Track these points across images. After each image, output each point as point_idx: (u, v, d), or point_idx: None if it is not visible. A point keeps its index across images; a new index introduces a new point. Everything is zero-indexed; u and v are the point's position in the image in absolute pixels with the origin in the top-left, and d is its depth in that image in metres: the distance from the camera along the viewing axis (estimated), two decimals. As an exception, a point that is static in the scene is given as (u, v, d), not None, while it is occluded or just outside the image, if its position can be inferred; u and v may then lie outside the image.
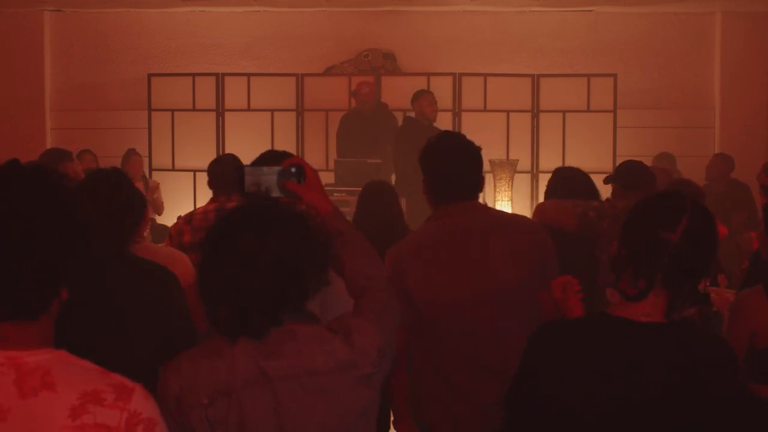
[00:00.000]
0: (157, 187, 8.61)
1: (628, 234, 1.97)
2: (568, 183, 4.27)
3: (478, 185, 2.96)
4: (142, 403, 1.44)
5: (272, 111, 9.26)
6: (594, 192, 4.25)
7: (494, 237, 2.89)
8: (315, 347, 1.83)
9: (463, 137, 3.00)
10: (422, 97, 8.18)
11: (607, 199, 4.27)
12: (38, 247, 1.41)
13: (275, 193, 2.11)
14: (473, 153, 2.93)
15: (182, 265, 3.29)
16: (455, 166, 2.90)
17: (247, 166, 2.15)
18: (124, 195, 2.80)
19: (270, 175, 2.11)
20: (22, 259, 1.40)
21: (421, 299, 2.84)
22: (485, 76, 9.19)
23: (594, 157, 8.81)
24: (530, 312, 2.62)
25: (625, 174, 4.49)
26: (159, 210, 8.47)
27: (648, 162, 8.37)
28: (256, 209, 1.89)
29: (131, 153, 8.48)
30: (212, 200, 4.41)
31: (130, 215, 2.83)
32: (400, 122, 8.54)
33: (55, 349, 1.45)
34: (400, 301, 2.79)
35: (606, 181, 4.56)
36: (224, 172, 4.41)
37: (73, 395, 1.39)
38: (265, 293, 1.80)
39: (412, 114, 8.24)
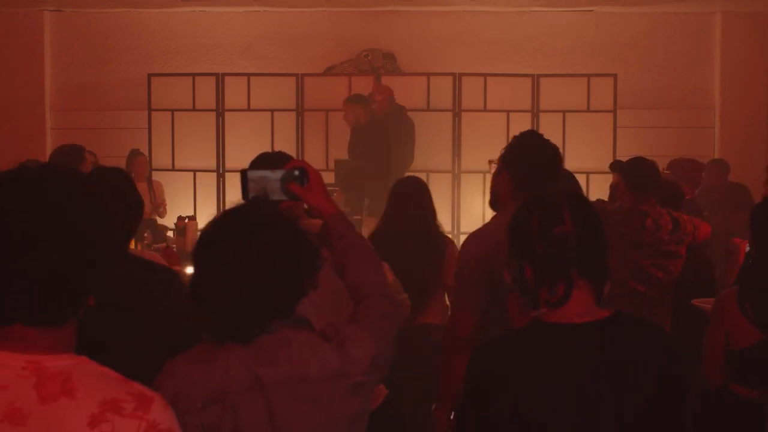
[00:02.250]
0: (161, 188, 8.61)
1: (525, 253, 1.96)
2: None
3: (556, 180, 3.11)
4: (161, 413, 1.43)
5: (272, 111, 9.25)
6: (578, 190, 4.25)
7: None
8: (308, 355, 1.83)
9: (541, 136, 3.21)
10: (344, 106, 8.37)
11: (599, 200, 4.28)
12: (74, 255, 1.41)
13: (278, 196, 2.10)
14: (553, 149, 3.15)
15: None
16: (540, 158, 3.08)
17: (249, 170, 2.13)
18: (130, 194, 2.82)
19: (273, 179, 2.10)
20: (58, 267, 1.40)
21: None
22: (485, 76, 9.18)
23: (594, 157, 8.80)
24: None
25: (635, 171, 4.51)
26: (162, 212, 8.46)
27: (660, 161, 8.41)
28: (243, 214, 1.89)
29: (136, 153, 8.46)
30: None
31: (135, 215, 2.84)
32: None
33: (77, 355, 1.44)
34: (479, 285, 2.93)
35: (612, 168, 4.58)
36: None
37: (93, 403, 1.38)
38: (253, 300, 1.80)
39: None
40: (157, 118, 9.31)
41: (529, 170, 3.05)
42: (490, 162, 3.25)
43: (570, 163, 8.92)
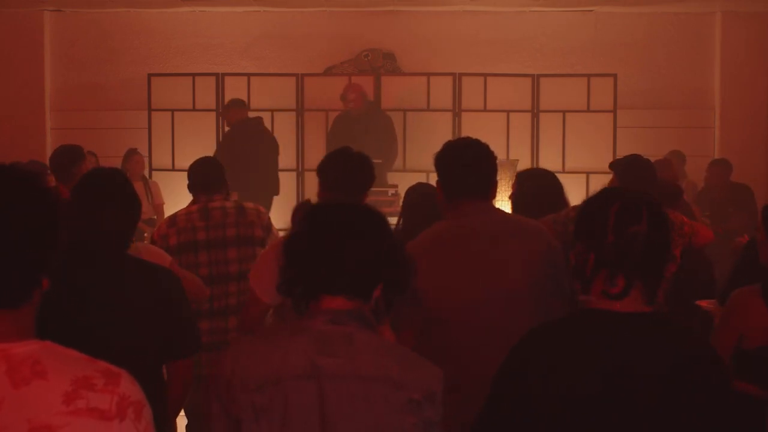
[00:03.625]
0: (158, 188, 8.61)
1: (593, 240, 1.99)
2: (534, 183, 4.26)
3: (490, 185, 2.99)
4: (129, 387, 1.48)
5: (272, 111, 9.26)
6: (559, 190, 4.22)
7: (506, 239, 2.91)
8: (369, 354, 1.85)
9: (477, 141, 3.06)
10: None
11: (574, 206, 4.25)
12: (17, 238, 1.46)
13: None
14: (486, 152, 3.00)
15: (161, 260, 3.33)
16: (467, 162, 2.95)
17: None
18: (130, 195, 2.83)
19: None
20: (5, 251, 1.45)
21: (431, 299, 2.84)
22: (485, 76, 9.19)
23: (594, 157, 8.80)
24: (539, 315, 2.60)
25: (627, 171, 4.45)
26: (159, 210, 8.47)
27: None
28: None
29: (132, 152, 8.49)
30: (193, 202, 4.43)
31: (137, 215, 2.86)
32: (394, 121, 8.60)
33: (40, 340, 1.49)
34: (412, 301, 2.77)
35: (611, 167, 4.56)
36: (206, 173, 4.45)
37: (65, 382, 1.44)
38: (355, 265, 1.89)
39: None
40: (157, 118, 9.32)
41: (457, 174, 2.98)
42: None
43: (570, 163, 8.97)
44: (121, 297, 2.66)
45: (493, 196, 3.03)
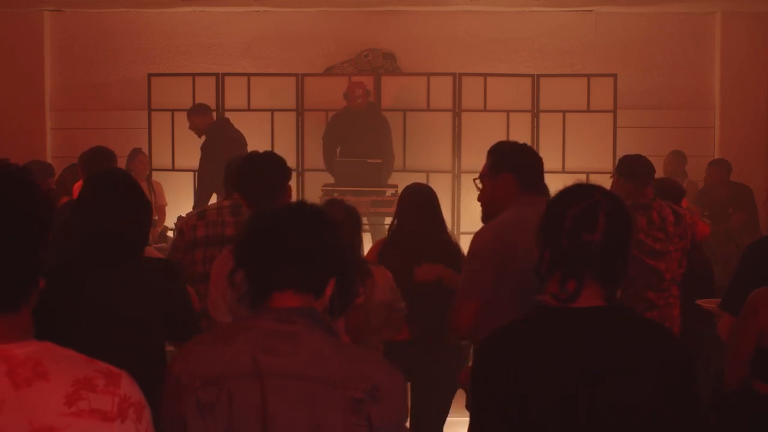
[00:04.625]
0: (161, 189, 8.61)
1: (550, 239, 2.00)
2: None
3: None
4: (130, 387, 1.48)
5: (272, 111, 9.26)
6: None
7: None
8: (312, 354, 1.85)
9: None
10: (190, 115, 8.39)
11: None
12: (17, 241, 1.46)
13: None
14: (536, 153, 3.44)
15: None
16: (539, 161, 3.35)
17: None
18: (138, 194, 2.84)
19: None
20: (4, 254, 1.45)
21: (521, 266, 3.00)
22: (485, 76, 9.19)
23: (594, 157, 8.81)
24: None
25: (628, 162, 4.63)
26: (161, 211, 8.47)
27: (659, 160, 8.46)
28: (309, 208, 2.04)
29: (137, 152, 8.48)
30: (226, 197, 4.49)
31: (147, 216, 2.86)
32: (391, 122, 8.60)
33: (39, 341, 1.49)
34: (487, 272, 3.06)
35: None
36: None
37: (67, 383, 1.43)
38: (307, 261, 1.93)
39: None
40: (157, 118, 9.32)
41: (532, 169, 3.29)
42: (476, 180, 3.39)
43: (570, 163, 8.97)
44: (126, 298, 2.67)
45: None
